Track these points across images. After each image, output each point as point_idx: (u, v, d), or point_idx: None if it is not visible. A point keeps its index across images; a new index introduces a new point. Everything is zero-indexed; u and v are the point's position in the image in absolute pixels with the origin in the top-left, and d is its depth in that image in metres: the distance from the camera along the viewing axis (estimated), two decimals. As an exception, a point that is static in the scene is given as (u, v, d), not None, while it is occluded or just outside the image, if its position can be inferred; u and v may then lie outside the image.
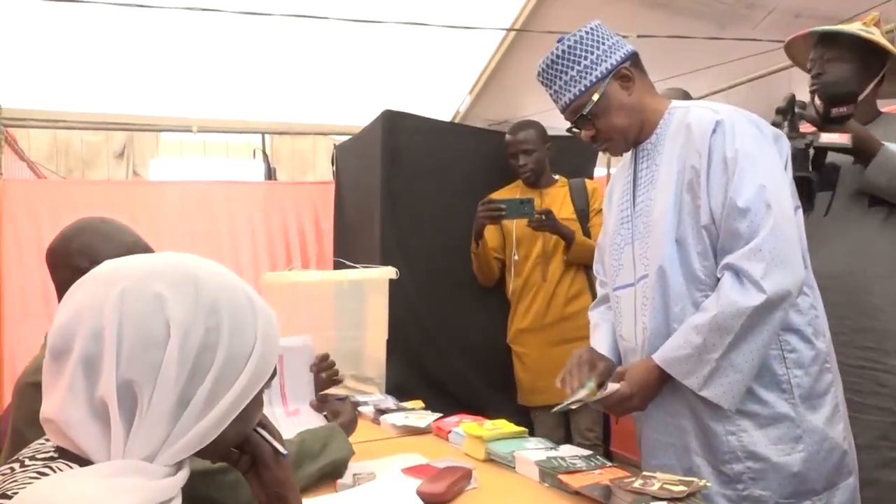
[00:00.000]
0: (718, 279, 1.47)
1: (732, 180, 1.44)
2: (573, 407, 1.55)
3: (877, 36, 1.96)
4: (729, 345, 1.42)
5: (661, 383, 1.53)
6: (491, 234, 2.89)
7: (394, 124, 2.90)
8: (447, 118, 5.85)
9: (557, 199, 2.90)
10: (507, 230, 2.89)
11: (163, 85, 4.23)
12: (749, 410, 1.48)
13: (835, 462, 1.50)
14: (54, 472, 0.73)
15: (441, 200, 2.96)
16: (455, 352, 2.94)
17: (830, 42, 1.99)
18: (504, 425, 1.74)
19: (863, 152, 1.86)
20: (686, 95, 2.69)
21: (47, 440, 0.79)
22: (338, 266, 3.08)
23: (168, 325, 0.76)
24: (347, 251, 3.19)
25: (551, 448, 1.57)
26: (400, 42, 4.53)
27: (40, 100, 4.60)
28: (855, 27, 1.98)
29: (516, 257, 2.86)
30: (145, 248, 1.49)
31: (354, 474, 1.44)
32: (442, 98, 5.54)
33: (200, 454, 0.82)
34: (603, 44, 1.58)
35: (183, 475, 0.79)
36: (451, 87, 5.64)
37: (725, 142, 1.47)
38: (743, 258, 1.42)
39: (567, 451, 1.55)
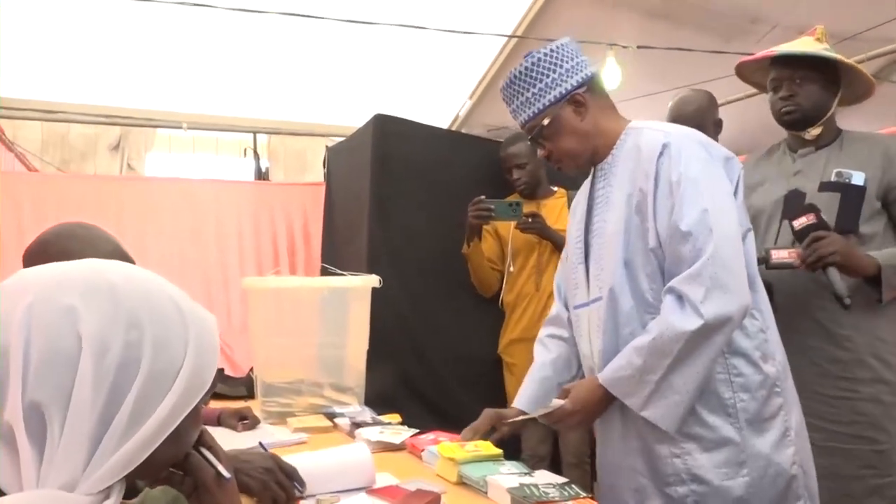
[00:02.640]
0: None
1: (676, 204, 1.45)
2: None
3: (838, 54, 1.93)
4: (668, 367, 1.43)
5: (604, 402, 1.55)
6: (488, 244, 2.87)
7: (385, 129, 2.85)
8: (447, 121, 5.81)
9: (555, 210, 2.86)
10: (504, 240, 2.86)
11: (155, 80, 4.19)
12: (694, 433, 1.49)
13: (780, 488, 1.49)
14: None
15: (432, 208, 2.91)
16: (442, 363, 2.89)
17: (800, 61, 1.94)
18: (483, 446, 1.68)
19: (861, 275, 1.81)
20: (711, 98, 2.64)
21: None
22: (325, 272, 3.03)
23: (80, 341, 0.69)
24: (335, 256, 3.15)
25: (525, 474, 1.51)
26: (401, 44, 4.50)
27: (33, 90, 4.56)
28: (811, 45, 1.94)
29: (512, 269, 2.83)
30: (123, 256, 1.46)
31: (317, 496, 1.38)
32: (442, 101, 5.51)
33: (134, 476, 0.76)
34: (561, 66, 1.58)
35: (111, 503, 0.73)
36: (452, 90, 5.60)
37: (671, 165, 1.48)
38: (684, 282, 1.43)
39: (542, 477, 1.49)
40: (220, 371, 2.78)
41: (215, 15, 3.48)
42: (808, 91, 1.93)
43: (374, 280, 2.35)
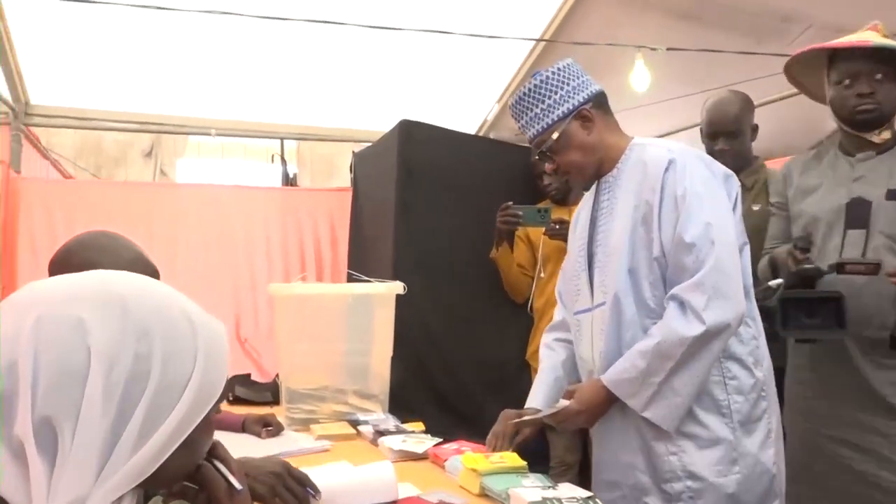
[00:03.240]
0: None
1: (681, 217, 1.54)
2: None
3: None
4: (670, 370, 1.51)
5: (608, 403, 1.63)
6: (520, 250, 2.86)
7: (410, 135, 2.84)
8: (475, 126, 5.79)
9: None
10: (535, 246, 2.85)
11: (185, 87, 4.23)
12: (690, 432, 1.57)
13: (765, 485, 1.59)
14: None
15: (459, 213, 2.89)
16: (468, 369, 2.87)
17: (881, 57, 1.80)
18: (508, 458, 1.66)
19: None
20: (749, 101, 2.52)
21: None
22: (351, 279, 3.03)
23: (89, 355, 0.69)
24: (362, 263, 3.14)
25: (549, 487, 1.49)
26: (428, 49, 4.49)
27: (67, 97, 4.64)
28: (877, 39, 1.82)
29: (542, 275, 2.81)
30: (146, 264, 1.47)
31: (338, 508, 1.38)
32: (470, 106, 5.49)
33: (147, 487, 0.77)
34: (567, 84, 1.67)
35: None
36: (480, 95, 5.58)
37: (676, 180, 1.57)
38: (687, 290, 1.51)
39: (566, 491, 1.47)
40: (247, 376, 2.79)
41: (243, 23, 3.51)
42: (888, 90, 1.82)
43: (398, 287, 2.34)
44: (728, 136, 2.41)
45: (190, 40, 3.92)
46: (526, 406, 1.82)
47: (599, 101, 1.71)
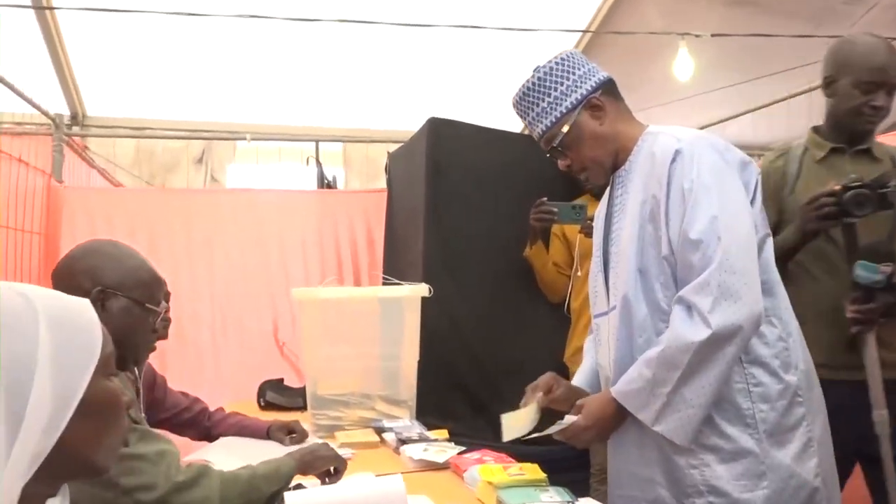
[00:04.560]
0: None
1: (687, 211, 1.43)
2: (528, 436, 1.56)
3: None
4: (678, 379, 1.39)
5: (618, 416, 1.51)
6: (556, 248, 2.77)
7: (439, 133, 2.76)
8: (520, 123, 5.70)
9: None
10: (572, 244, 2.75)
11: (227, 94, 4.28)
12: (712, 445, 1.45)
13: (802, 500, 1.46)
14: None
15: (491, 213, 2.80)
16: (501, 373, 2.77)
17: None
18: (529, 470, 1.58)
19: None
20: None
21: None
22: (386, 282, 2.98)
23: None
24: (395, 265, 3.09)
25: (568, 502, 1.40)
26: (471, 45, 4.43)
27: (119, 108, 4.76)
28: None
29: (579, 273, 2.71)
30: (149, 272, 1.47)
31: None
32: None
33: (69, 478, 0.77)
34: (573, 73, 1.58)
35: None
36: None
37: (683, 171, 1.45)
38: (692, 291, 1.40)
39: (585, 506, 1.37)
40: (280, 381, 2.77)
41: (277, 29, 3.50)
42: None
43: (423, 289, 2.28)
44: (890, 90, 1.93)
45: (228, 49, 3.97)
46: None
47: (609, 88, 1.61)
